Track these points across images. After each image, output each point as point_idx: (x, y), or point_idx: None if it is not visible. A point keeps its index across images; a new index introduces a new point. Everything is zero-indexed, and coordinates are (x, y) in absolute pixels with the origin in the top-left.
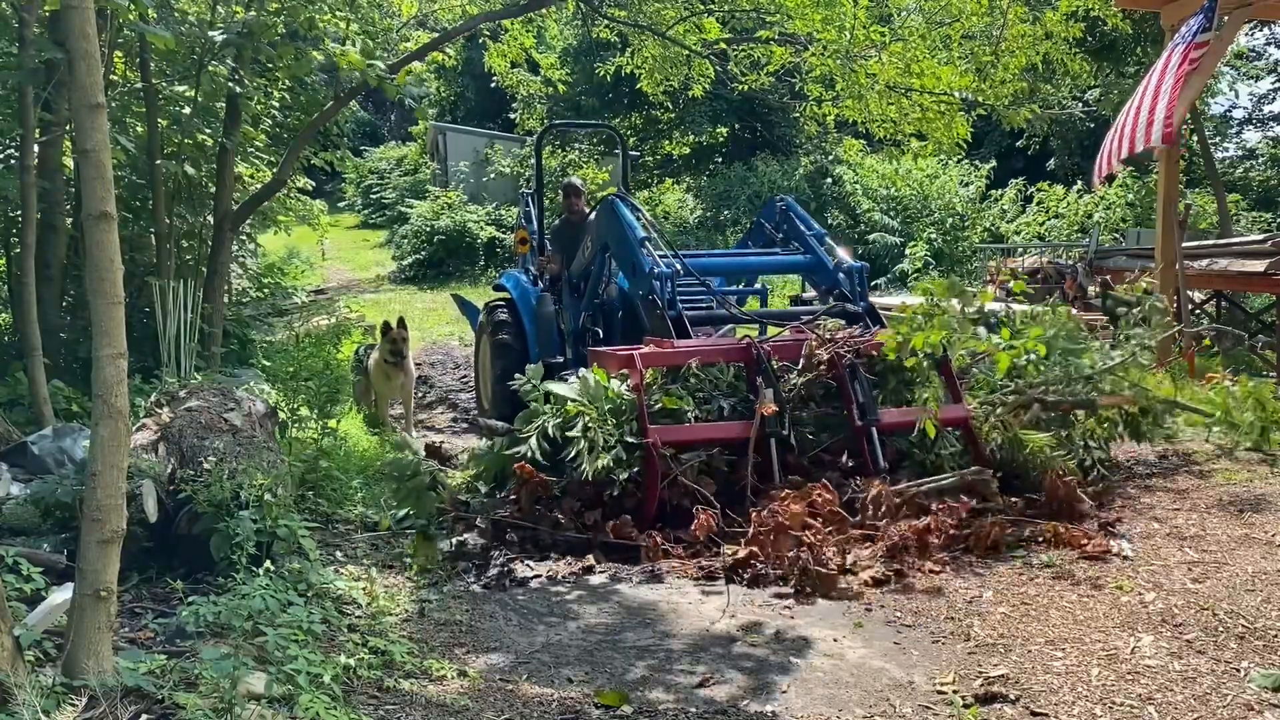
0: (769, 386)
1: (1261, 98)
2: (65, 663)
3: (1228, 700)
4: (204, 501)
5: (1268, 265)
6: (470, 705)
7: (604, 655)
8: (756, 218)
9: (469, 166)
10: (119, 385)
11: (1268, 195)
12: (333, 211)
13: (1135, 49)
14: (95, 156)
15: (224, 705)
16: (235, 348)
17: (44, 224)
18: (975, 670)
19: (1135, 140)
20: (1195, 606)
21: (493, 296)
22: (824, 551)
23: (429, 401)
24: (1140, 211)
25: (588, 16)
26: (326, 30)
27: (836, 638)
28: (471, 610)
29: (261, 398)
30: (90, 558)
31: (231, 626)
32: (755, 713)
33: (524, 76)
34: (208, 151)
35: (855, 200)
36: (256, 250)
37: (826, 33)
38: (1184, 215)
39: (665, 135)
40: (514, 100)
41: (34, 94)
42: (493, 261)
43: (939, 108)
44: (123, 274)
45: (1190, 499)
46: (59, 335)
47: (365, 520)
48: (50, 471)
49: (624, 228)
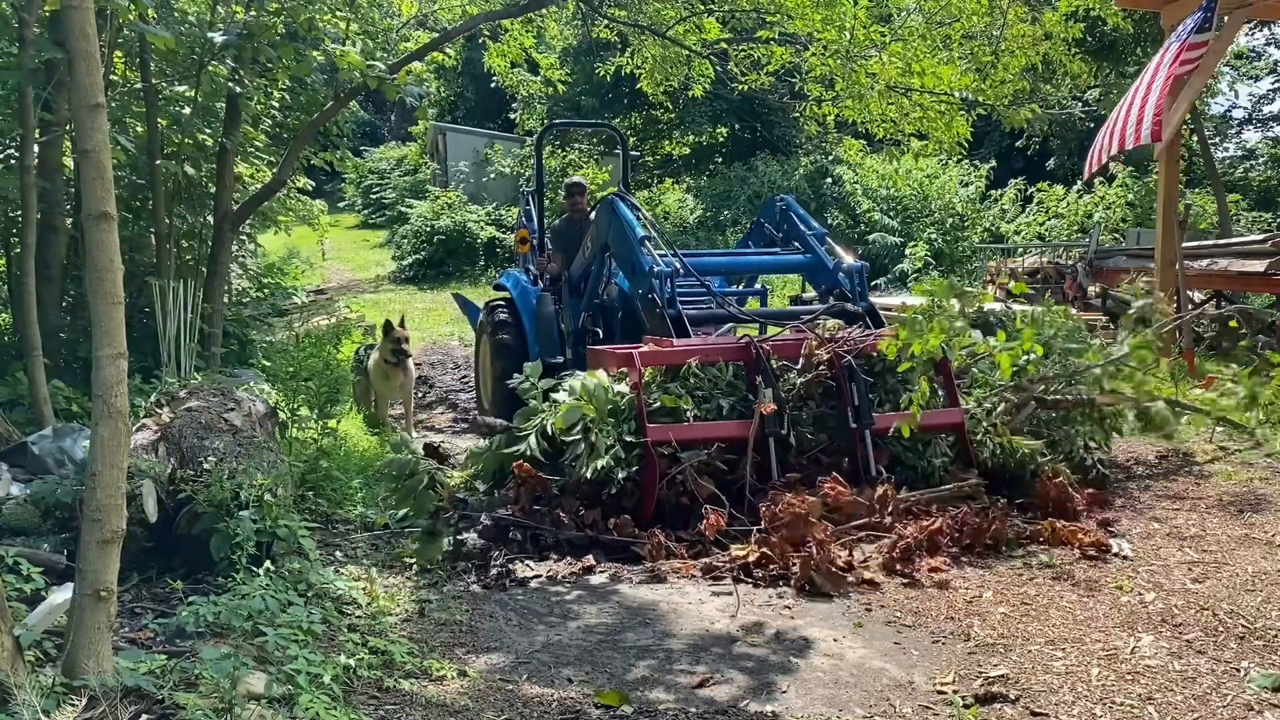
0: (768, 386)
1: (1261, 98)
2: (65, 663)
3: (1228, 700)
4: (204, 501)
5: (1268, 265)
6: (470, 705)
7: (604, 655)
8: (757, 217)
9: (469, 166)
10: (119, 385)
11: (1268, 195)
12: (333, 211)
13: (1135, 49)
14: (95, 156)
15: (224, 705)
16: (235, 348)
17: (44, 224)
18: (975, 670)
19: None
20: (1195, 606)
21: (493, 296)
22: (832, 549)
23: (429, 401)
24: (1140, 211)
25: (588, 16)
26: (326, 30)
27: (836, 638)
28: (471, 610)
29: (261, 398)
30: (90, 558)
31: (231, 626)
32: (755, 713)
33: (524, 76)
34: (208, 151)
35: (855, 200)
36: (256, 250)
37: (826, 33)
38: (1184, 215)
39: (665, 135)
40: (514, 100)
41: (34, 94)
42: (493, 261)
43: (939, 108)
44: (123, 274)
45: (1190, 499)
46: (59, 335)
47: (365, 520)
48: (50, 471)
49: (624, 227)
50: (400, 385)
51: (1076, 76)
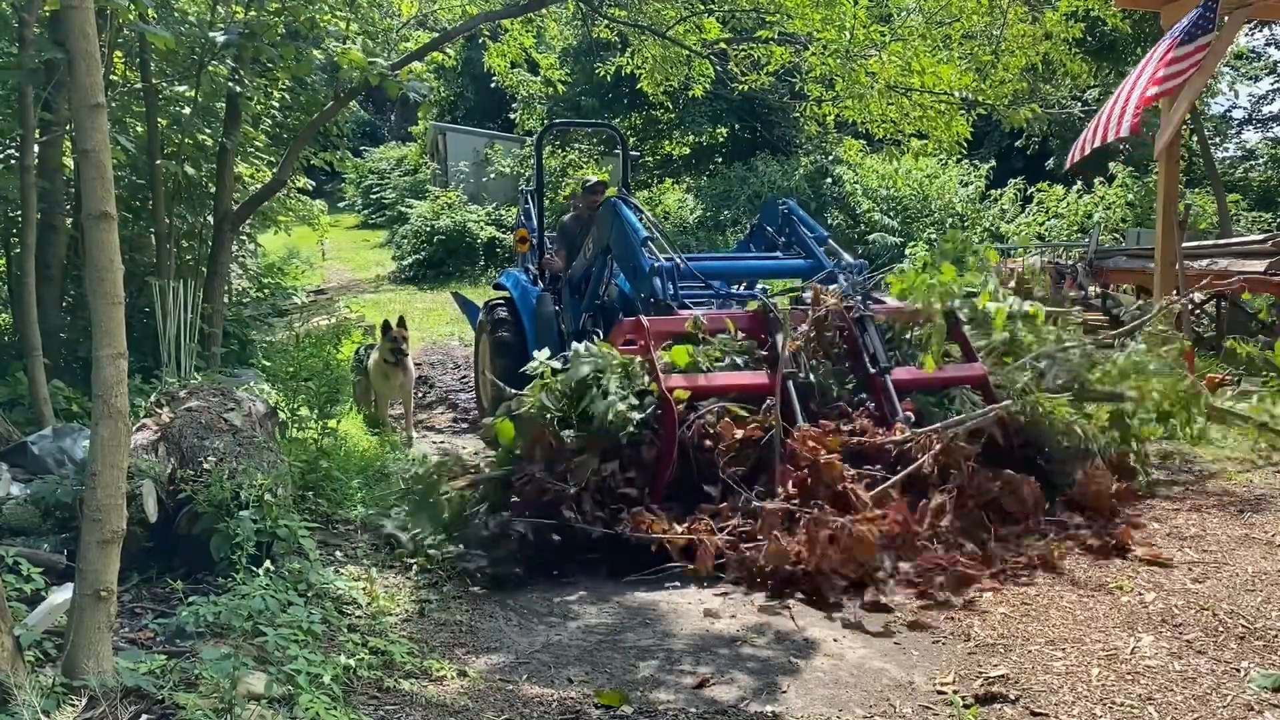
0: (779, 333)
1: (1261, 98)
2: (65, 663)
3: (1228, 700)
4: (204, 501)
5: (1268, 265)
6: (470, 705)
7: (604, 655)
8: (757, 220)
9: (469, 166)
10: (119, 385)
11: (1268, 195)
12: (333, 211)
13: (1135, 49)
14: (95, 156)
15: (224, 705)
16: (235, 348)
17: (44, 224)
18: (975, 670)
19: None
20: (1195, 606)
21: (493, 295)
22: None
23: (429, 401)
24: (1140, 211)
25: (588, 16)
26: (328, 29)
27: (837, 638)
28: (471, 610)
29: (261, 398)
30: (90, 558)
31: (231, 626)
32: (756, 713)
33: (524, 76)
34: (208, 151)
35: (855, 200)
36: (256, 250)
37: (826, 32)
38: (1184, 215)
39: (665, 135)
40: (514, 100)
41: (34, 94)
42: (493, 261)
43: (939, 107)
44: (123, 274)
45: (1190, 499)
46: (59, 335)
47: (366, 520)
48: (50, 471)
49: (626, 229)
50: (400, 385)
51: (1076, 76)
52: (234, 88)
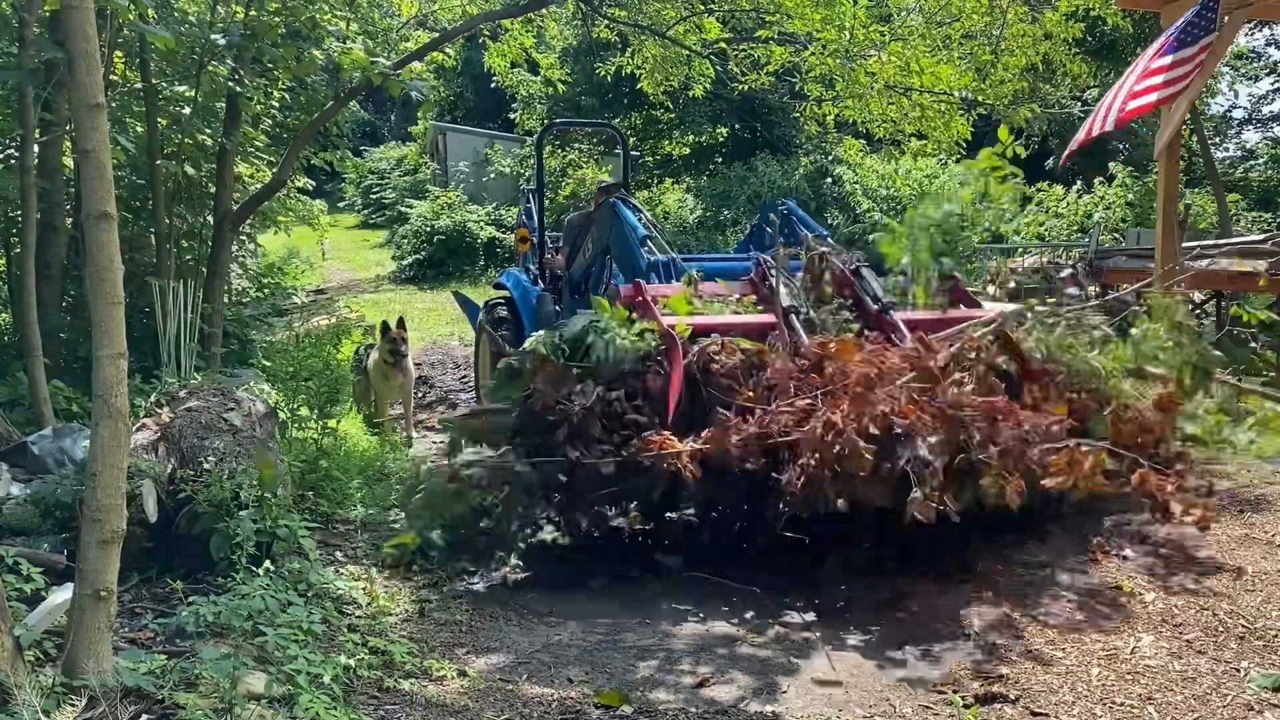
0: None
1: (1261, 98)
2: (65, 663)
3: (1228, 700)
4: (204, 501)
5: (1268, 265)
6: (470, 705)
7: (604, 655)
8: (757, 221)
9: (469, 166)
10: (119, 385)
11: (1268, 195)
12: (333, 211)
13: (1135, 49)
14: (95, 156)
15: (224, 705)
16: (235, 348)
17: (44, 224)
18: (975, 670)
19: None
20: (1195, 606)
21: (493, 295)
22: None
23: (429, 401)
24: (1140, 211)
25: (588, 16)
26: (328, 29)
27: (836, 638)
28: (472, 610)
29: (261, 398)
30: (90, 558)
31: (231, 626)
32: (755, 713)
33: (524, 76)
34: (208, 151)
35: (855, 200)
36: (256, 250)
37: (826, 32)
38: (1184, 215)
39: (665, 135)
40: (514, 100)
41: (34, 94)
42: (493, 261)
43: (939, 107)
44: (123, 274)
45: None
46: (59, 335)
47: (366, 520)
48: (50, 471)
49: (625, 229)
50: (400, 385)
51: (1076, 76)
52: (234, 88)
